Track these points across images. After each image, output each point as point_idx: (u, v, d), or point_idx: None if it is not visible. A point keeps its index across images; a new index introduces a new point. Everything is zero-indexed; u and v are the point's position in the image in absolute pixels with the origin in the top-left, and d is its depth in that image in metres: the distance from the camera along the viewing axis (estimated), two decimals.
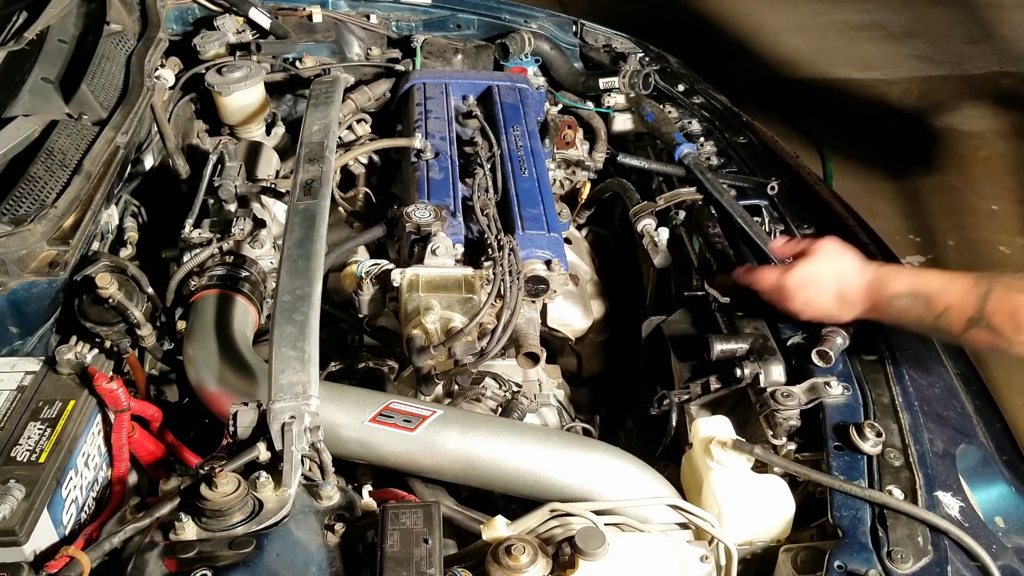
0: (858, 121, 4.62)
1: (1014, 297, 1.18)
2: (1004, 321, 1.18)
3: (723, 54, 5.14)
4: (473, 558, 1.08)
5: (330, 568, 1.02)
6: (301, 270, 1.32)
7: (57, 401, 1.28)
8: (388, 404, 1.30)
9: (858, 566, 1.10)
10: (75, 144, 1.66)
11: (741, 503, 1.21)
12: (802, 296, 1.40)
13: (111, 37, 1.99)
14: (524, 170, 1.87)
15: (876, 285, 1.33)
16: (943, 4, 5.77)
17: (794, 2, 5.89)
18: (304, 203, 1.47)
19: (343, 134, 2.06)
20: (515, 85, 2.18)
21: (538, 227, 1.70)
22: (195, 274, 1.55)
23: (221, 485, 1.03)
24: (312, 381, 1.15)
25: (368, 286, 1.58)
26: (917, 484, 1.21)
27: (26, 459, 1.18)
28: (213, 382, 1.38)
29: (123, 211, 1.78)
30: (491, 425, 1.31)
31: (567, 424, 1.60)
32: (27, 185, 1.53)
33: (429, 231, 1.59)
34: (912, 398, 1.35)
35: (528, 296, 1.59)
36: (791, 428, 1.35)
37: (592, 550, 1.00)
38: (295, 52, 2.30)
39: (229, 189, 1.69)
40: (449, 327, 1.45)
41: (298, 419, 1.10)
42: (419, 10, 2.49)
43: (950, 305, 1.23)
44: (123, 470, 1.35)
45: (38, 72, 1.81)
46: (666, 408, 1.51)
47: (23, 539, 1.10)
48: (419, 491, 1.31)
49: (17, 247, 1.42)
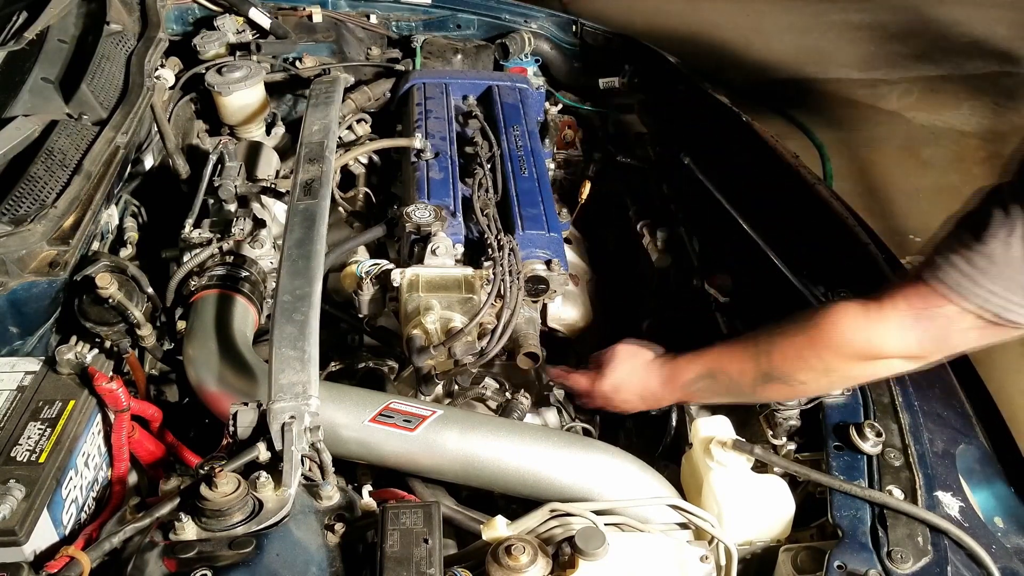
0: (858, 121, 4.62)
1: (789, 345, 1.25)
2: (789, 368, 1.25)
3: (723, 54, 5.15)
4: (473, 558, 1.08)
5: (330, 568, 1.02)
6: (301, 270, 1.32)
7: (57, 401, 1.28)
8: (388, 404, 1.30)
9: (858, 566, 1.10)
10: (75, 144, 1.66)
11: (741, 503, 1.21)
12: (616, 400, 1.49)
13: (111, 37, 1.99)
14: (524, 170, 1.87)
15: (672, 378, 1.41)
16: (943, 4, 5.77)
17: (794, 2, 5.89)
18: (304, 203, 1.47)
19: (343, 134, 2.06)
20: (515, 85, 2.19)
21: (538, 227, 1.70)
22: (195, 274, 1.55)
23: (221, 485, 1.03)
24: (312, 381, 1.15)
25: (368, 286, 1.58)
26: (917, 484, 1.21)
27: (26, 459, 1.18)
28: (213, 382, 1.38)
29: (123, 211, 1.78)
30: (491, 425, 1.31)
31: (567, 424, 1.60)
32: (27, 185, 1.53)
33: (429, 231, 1.59)
34: (912, 398, 1.35)
35: (528, 296, 1.59)
36: (791, 428, 1.35)
37: (592, 550, 1.00)
38: (295, 52, 2.30)
39: (229, 189, 1.69)
40: (449, 327, 1.45)
41: (298, 419, 1.10)
42: (419, 10, 2.49)
43: (740, 371, 1.31)
44: (123, 470, 1.35)
45: (38, 72, 1.81)
46: (666, 408, 1.51)
47: (23, 539, 1.10)
48: (419, 491, 1.31)
49: (17, 247, 1.42)
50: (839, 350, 1.20)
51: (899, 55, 5.25)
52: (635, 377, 1.46)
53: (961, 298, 1.07)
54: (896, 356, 1.19)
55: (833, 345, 1.20)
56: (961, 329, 1.11)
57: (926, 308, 1.12)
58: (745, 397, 1.35)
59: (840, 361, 1.22)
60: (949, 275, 1.08)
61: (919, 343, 1.15)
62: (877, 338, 1.17)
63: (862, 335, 1.18)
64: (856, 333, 1.18)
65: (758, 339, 1.30)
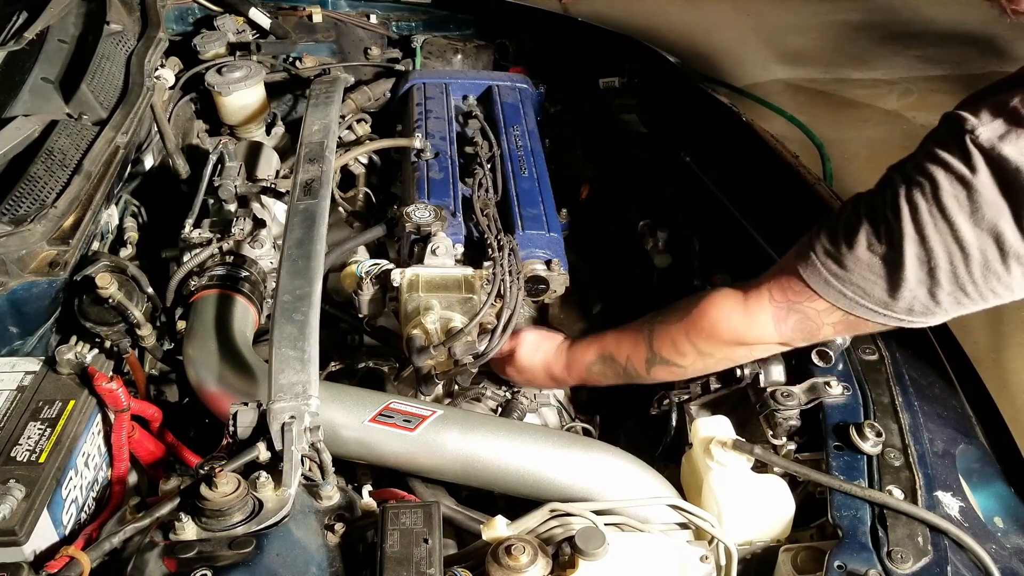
0: (858, 121, 4.62)
1: (669, 329, 1.33)
2: (671, 352, 1.34)
3: (723, 54, 5.15)
4: (473, 558, 1.08)
5: (330, 568, 1.02)
6: (301, 270, 1.32)
7: (57, 401, 1.28)
8: (388, 404, 1.30)
9: (858, 566, 1.10)
10: (75, 144, 1.66)
11: (741, 503, 1.21)
12: (523, 379, 1.56)
13: (111, 37, 1.99)
14: (524, 170, 1.87)
15: (572, 361, 1.49)
16: (943, 4, 5.77)
17: (794, 2, 5.89)
18: (304, 203, 1.47)
19: (343, 134, 2.06)
20: (515, 85, 2.19)
21: (538, 227, 1.70)
22: (195, 274, 1.55)
23: (221, 485, 1.03)
24: (312, 381, 1.15)
25: (368, 286, 1.58)
26: (917, 484, 1.21)
27: (26, 459, 1.18)
28: (213, 382, 1.38)
29: (123, 211, 1.78)
30: (491, 425, 1.31)
31: (567, 424, 1.60)
32: (27, 185, 1.53)
33: (429, 231, 1.59)
34: (912, 398, 1.35)
35: (528, 296, 1.59)
36: (791, 428, 1.35)
37: (592, 550, 1.00)
38: (295, 52, 2.30)
39: (229, 189, 1.69)
40: (449, 327, 1.45)
41: (298, 419, 1.10)
42: (419, 10, 2.49)
43: (628, 355, 1.39)
44: (123, 470, 1.35)
45: (38, 72, 1.81)
46: (666, 408, 1.51)
47: (23, 539, 1.10)
48: (419, 491, 1.31)
49: (17, 247, 1.42)
50: (713, 336, 1.29)
51: (899, 55, 5.25)
52: (538, 362, 1.52)
53: (832, 298, 1.15)
54: (767, 343, 1.27)
55: (708, 332, 1.29)
56: (829, 322, 1.19)
57: (799, 302, 1.19)
58: (639, 379, 1.41)
59: (714, 346, 1.30)
60: (822, 274, 1.15)
61: (790, 332, 1.23)
62: (752, 327, 1.25)
63: (738, 323, 1.26)
64: (732, 321, 1.26)
65: (645, 324, 1.38)
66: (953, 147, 1.03)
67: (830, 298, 1.15)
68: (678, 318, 1.32)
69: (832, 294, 1.14)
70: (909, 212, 1.06)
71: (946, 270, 1.05)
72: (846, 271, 1.13)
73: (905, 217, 1.06)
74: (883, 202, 1.09)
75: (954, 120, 1.04)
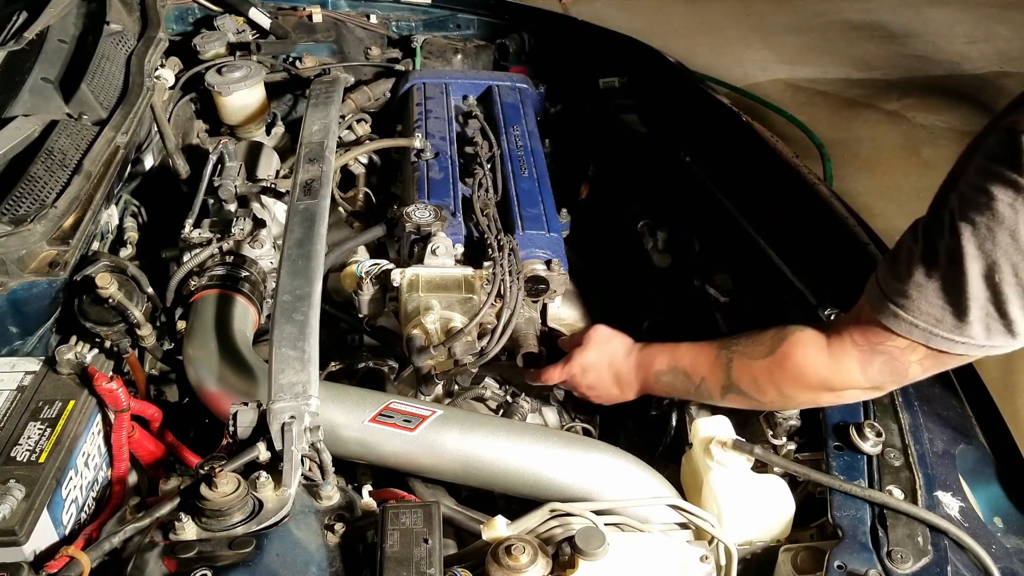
0: (858, 121, 4.62)
1: (751, 365, 1.27)
2: (750, 387, 1.29)
3: (723, 54, 5.15)
4: (473, 558, 1.08)
5: (330, 568, 1.02)
6: (301, 270, 1.32)
7: (57, 401, 1.28)
8: (388, 404, 1.30)
9: (858, 566, 1.10)
10: (75, 144, 1.66)
11: (741, 503, 1.21)
12: (586, 383, 1.50)
13: (111, 37, 1.99)
14: (524, 170, 1.87)
15: (642, 366, 1.43)
16: (943, 4, 5.78)
17: (794, 2, 5.89)
18: (304, 203, 1.47)
19: (343, 134, 2.06)
20: (515, 85, 2.19)
21: (538, 227, 1.70)
22: (195, 274, 1.55)
23: (221, 485, 1.03)
24: (312, 381, 1.15)
25: (368, 286, 1.58)
26: (917, 484, 1.21)
27: (26, 459, 1.18)
28: (213, 382, 1.38)
29: (123, 211, 1.78)
30: (491, 425, 1.31)
31: (567, 424, 1.60)
32: (27, 185, 1.53)
33: (429, 231, 1.59)
34: (912, 398, 1.35)
35: (528, 296, 1.59)
36: (791, 428, 1.35)
37: (592, 550, 1.00)
38: (295, 52, 2.30)
39: (229, 189, 1.69)
40: (449, 327, 1.45)
41: (298, 419, 1.10)
42: (419, 10, 2.49)
43: (704, 377, 1.34)
44: (123, 470, 1.35)
45: (38, 72, 1.81)
46: (666, 408, 1.51)
47: (23, 539, 1.10)
48: (419, 491, 1.31)
49: (17, 247, 1.42)
50: (800, 381, 1.24)
51: (899, 55, 5.25)
52: (608, 359, 1.47)
53: (905, 331, 1.11)
54: (856, 388, 1.21)
55: (793, 376, 1.24)
56: (914, 360, 1.14)
57: (880, 343, 1.15)
58: (711, 400, 1.38)
59: (799, 391, 1.25)
60: (890, 309, 1.11)
61: (878, 376, 1.18)
62: (838, 373, 1.20)
63: (823, 370, 1.21)
64: (817, 368, 1.21)
65: (723, 350, 1.32)
66: (1006, 157, 0.99)
67: (903, 331, 1.10)
68: (761, 354, 1.26)
69: (904, 327, 1.10)
70: (966, 228, 1.02)
71: (1011, 282, 1.00)
72: (911, 300, 1.08)
73: (963, 233, 1.02)
74: (940, 223, 1.06)
75: (1007, 129, 1.00)
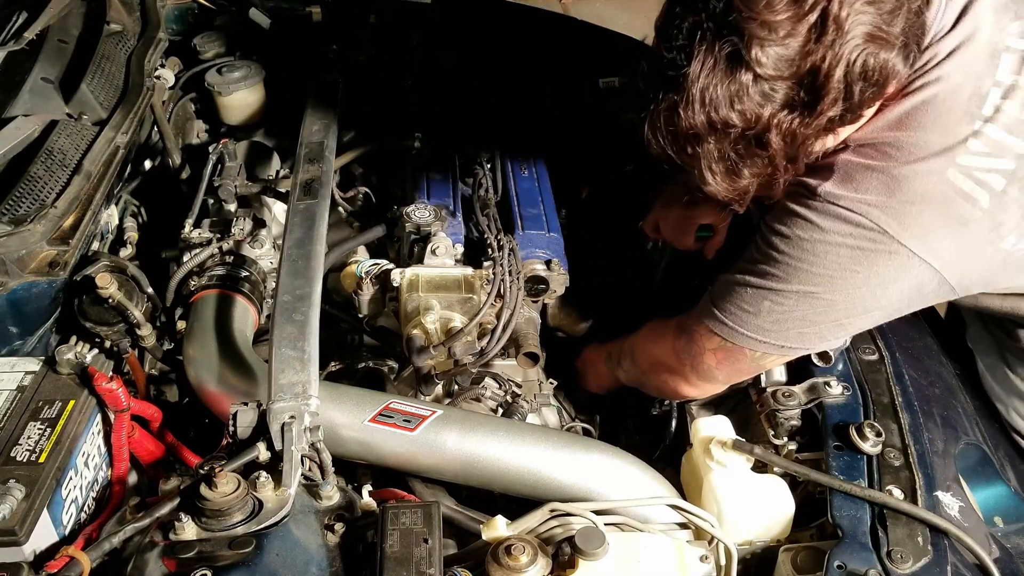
0: None
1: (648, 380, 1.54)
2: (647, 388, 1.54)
3: None
4: (473, 558, 1.08)
5: (330, 568, 1.02)
6: (301, 270, 1.32)
7: (57, 401, 1.28)
8: (388, 404, 1.30)
9: (858, 566, 1.10)
10: (75, 144, 1.66)
11: (741, 503, 1.21)
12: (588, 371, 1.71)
13: (111, 37, 1.99)
14: (524, 170, 1.87)
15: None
16: None
17: None
18: (304, 203, 1.47)
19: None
20: None
21: (538, 227, 1.70)
22: (195, 274, 1.55)
23: (221, 485, 1.03)
24: (312, 381, 1.15)
25: (368, 286, 1.58)
26: (917, 484, 1.21)
27: (26, 459, 1.18)
28: (213, 382, 1.38)
29: (123, 211, 1.78)
30: (491, 425, 1.31)
31: (567, 424, 1.60)
32: (27, 185, 1.53)
33: (429, 231, 1.59)
34: (912, 398, 1.35)
35: (528, 296, 1.59)
36: (792, 428, 1.35)
37: (592, 550, 1.00)
38: None
39: (229, 189, 1.69)
40: (449, 327, 1.45)
41: (298, 419, 1.10)
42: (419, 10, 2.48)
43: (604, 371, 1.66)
44: (123, 470, 1.35)
45: (38, 72, 1.81)
46: (666, 408, 1.51)
47: (23, 539, 1.10)
48: (419, 491, 1.31)
49: (17, 247, 1.42)
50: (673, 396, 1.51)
51: None
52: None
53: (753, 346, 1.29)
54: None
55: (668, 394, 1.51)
56: (767, 363, 1.34)
57: (735, 363, 1.33)
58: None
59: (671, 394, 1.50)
60: (736, 329, 1.28)
61: (734, 381, 1.41)
62: (701, 395, 1.46)
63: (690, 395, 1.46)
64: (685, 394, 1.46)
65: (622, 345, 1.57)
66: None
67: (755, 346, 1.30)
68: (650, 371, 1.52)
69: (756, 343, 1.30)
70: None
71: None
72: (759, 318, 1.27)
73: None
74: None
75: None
